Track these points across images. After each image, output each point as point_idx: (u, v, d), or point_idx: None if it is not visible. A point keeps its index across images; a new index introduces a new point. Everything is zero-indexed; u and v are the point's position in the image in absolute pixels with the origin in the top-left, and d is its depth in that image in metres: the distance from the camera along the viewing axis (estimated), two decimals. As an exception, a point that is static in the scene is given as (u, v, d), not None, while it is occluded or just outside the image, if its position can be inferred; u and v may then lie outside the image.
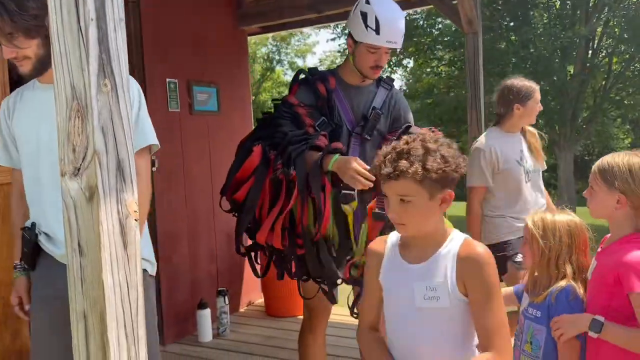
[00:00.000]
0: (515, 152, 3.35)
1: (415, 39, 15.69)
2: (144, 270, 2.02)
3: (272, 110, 2.87)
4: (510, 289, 2.31)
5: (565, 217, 2.06)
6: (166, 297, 4.26)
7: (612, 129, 18.29)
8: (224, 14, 4.96)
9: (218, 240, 4.74)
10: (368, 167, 2.49)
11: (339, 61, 20.56)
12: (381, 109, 2.86)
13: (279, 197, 2.59)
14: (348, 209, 2.64)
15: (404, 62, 17.83)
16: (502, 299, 1.58)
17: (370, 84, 2.89)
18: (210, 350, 4.17)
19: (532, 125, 3.53)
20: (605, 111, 15.70)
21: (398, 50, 3.07)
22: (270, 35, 23.56)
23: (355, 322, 3.32)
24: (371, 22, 2.68)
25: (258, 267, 2.90)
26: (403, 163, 1.55)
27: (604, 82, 15.52)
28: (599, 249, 2.03)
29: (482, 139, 3.40)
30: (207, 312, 4.31)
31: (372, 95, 2.87)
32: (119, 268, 1.15)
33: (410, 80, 21.99)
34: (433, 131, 2.98)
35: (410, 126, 2.88)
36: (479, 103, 4.20)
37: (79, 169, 1.13)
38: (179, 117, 4.38)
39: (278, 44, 25.12)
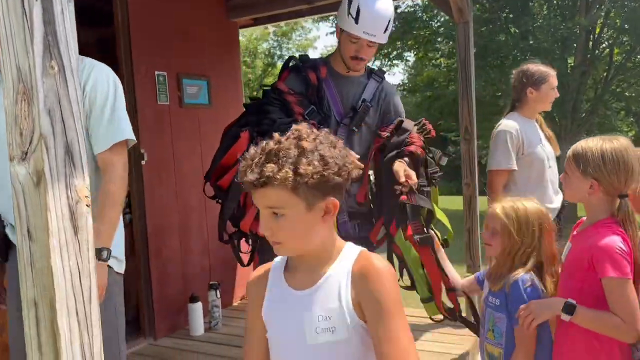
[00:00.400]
0: (536, 136, 3.32)
1: (414, 32, 15.61)
2: (108, 267, 2.00)
3: (261, 96, 2.83)
4: (472, 276, 2.33)
5: (534, 206, 2.07)
6: (157, 291, 4.25)
7: (615, 121, 18.20)
8: (214, 6, 4.93)
9: (210, 233, 4.71)
10: (357, 156, 2.48)
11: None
12: (371, 101, 2.82)
13: None
14: None
15: (404, 55, 17.70)
16: (406, 322, 1.31)
17: (361, 75, 2.85)
18: (201, 344, 4.16)
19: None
20: (607, 103, 15.61)
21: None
22: (271, 29, 23.48)
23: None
24: (353, 10, 2.63)
25: (243, 256, 2.88)
26: (270, 167, 1.26)
27: (605, 74, 15.43)
28: (574, 232, 2.03)
29: (505, 121, 3.35)
30: (198, 306, 4.29)
31: (362, 86, 2.84)
32: (69, 254, 1.13)
33: (412, 74, 21.91)
34: (424, 124, 2.95)
35: (402, 121, 2.85)
36: (470, 93, 4.17)
37: (26, 154, 1.11)
38: (169, 110, 4.36)
39: (279, 39, 25.06)
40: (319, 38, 27.49)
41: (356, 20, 2.61)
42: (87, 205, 1.16)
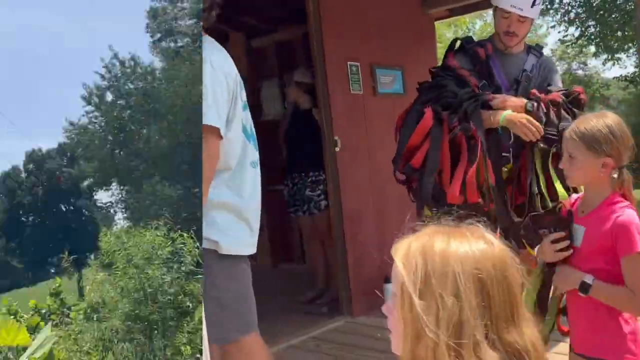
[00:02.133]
0: None
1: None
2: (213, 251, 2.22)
3: (431, 79, 2.98)
4: None
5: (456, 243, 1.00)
6: (354, 273, 4.44)
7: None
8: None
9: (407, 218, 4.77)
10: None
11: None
12: (531, 72, 2.91)
13: (459, 157, 2.68)
14: (504, 170, 2.78)
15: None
16: None
17: (521, 51, 2.96)
18: (395, 324, 4.23)
19: None
20: None
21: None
22: (465, 18, 22.41)
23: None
24: None
25: None
26: None
27: None
28: (573, 209, 2.00)
29: None
30: (391, 287, 4.38)
31: (522, 61, 2.94)
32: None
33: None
34: (578, 93, 2.79)
35: (550, 84, 2.90)
36: None
37: None
38: (362, 99, 4.55)
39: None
40: (548, 34, 25.83)
41: None
42: None
